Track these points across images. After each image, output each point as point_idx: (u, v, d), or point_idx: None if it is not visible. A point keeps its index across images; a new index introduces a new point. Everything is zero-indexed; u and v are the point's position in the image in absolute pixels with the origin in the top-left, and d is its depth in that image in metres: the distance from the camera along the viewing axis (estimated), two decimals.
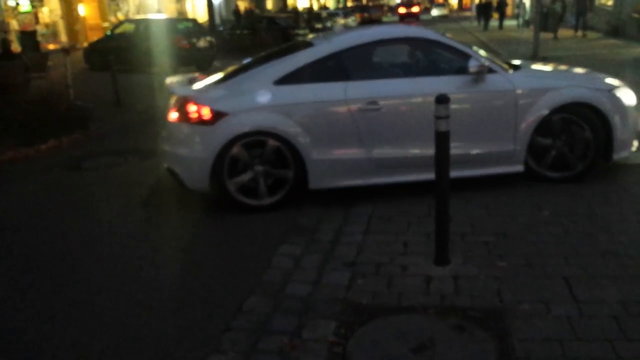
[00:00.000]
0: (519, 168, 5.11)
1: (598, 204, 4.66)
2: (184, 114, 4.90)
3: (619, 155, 5.22)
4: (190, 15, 33.22)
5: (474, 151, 5.00)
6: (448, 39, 5.29)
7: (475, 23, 35.56)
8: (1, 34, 17.52)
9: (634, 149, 5.37)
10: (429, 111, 4.65)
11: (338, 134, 4.88)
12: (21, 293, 3.81)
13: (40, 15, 24.01)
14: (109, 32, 19.48)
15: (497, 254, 3.87)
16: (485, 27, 31.47)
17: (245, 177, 4.89)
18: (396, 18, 53.26)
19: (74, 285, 3.88)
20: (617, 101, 5.13)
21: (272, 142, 4.83)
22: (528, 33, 22.62)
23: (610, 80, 5.38)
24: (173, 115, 5.00)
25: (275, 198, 4.96)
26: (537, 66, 5.83)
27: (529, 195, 4.94)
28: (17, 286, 3.92)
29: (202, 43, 17.76)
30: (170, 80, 5.54)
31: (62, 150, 7.69)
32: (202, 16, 29.37)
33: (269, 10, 40.31)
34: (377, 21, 49.32)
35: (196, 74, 5.72)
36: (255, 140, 4.83)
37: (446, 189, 3.67)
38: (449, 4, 68.21)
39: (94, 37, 22.39)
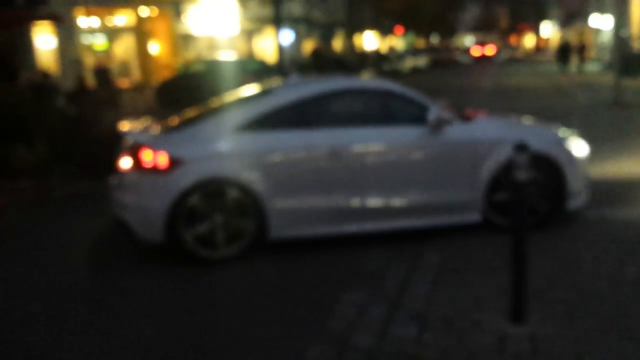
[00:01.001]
0: (477, 217, 5.12)
1: None
2: (137, 161, 4.71)
3: (573, 205, 5.30)
4: (259, 56, 34.12)
5: (432, 200, 5.04)
6: (408, 90, 5.37)
7: (551, 67, 34.58)
8: (77, 71, 18.46)
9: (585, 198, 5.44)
10: (389, 160, 4.97)
11: (300, 183, 4.84)
12: None
13: (114, 53, 25.28)
14: (180, 71, 20.21)
15: (578, 314, 3.61)
16: (564, 70, 30.51)
17: (203, 227, 4.66)
18: (467, 59, 53.30)
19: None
20: (569, 152, 5.25)
21: (231, 191, 4.68)
22: (608, 77, 21.95)
23: (562, 132, 5.58)
24: (125, 162, 4.82)
25: (234, 249, 4.76)
26: (491, 118, 5.93)
27: (612, 251, 4.64)
28: None
29: None
30: (126, 125, 5.29)
31: None
32: (271, 56, 30.08)
33: (336, 52, 40.87)
34: (446, 63, 49.13)
35: (151, 121, 5.61)
36: (214, 189, 4.67)
37: (523, 241, 3.45)
38: (522, 46, 67.39)
39: (165, 75, 23.25)
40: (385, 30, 54.68)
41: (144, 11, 25.47)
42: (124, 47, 25.73)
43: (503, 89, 22.88)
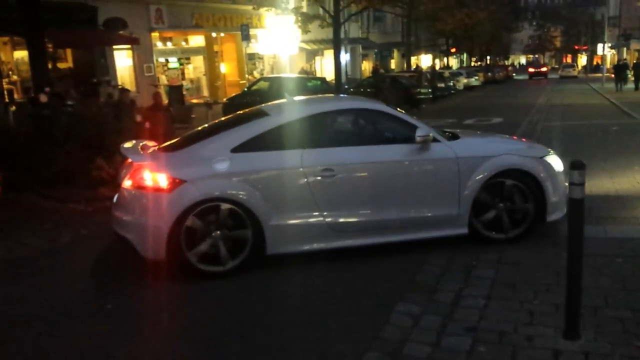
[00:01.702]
0: (464, 231, 5.34)
1: None
2: (139, 181, 4.87)
3: (552, 218, 5.50)
4: (319, 74, 34.72)
5: (421, 215, 5.26)
6: (397, 111, 5.63)
7: (607, 85, 33.97)
8: (152, 88, 19.41)
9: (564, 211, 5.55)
10: (380, 177, 5.20)
11: (295, 200, 4.99)
12: None
13: (186, 71, 26.38)
14: (245, 89, 20.92)
15: (634, 332, 3.61)
16: (620, 88, 30.08)
17: (205, 245, 4.80)
18: (525, 77, 59.08)
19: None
20: (549, 167, 5.52)
21: (230, 209, 4.80)
22: None
23: (542, 148, 5.96)
24: (127, 182, 4.98)
25: (234, 265, 4.88)
26: (476, 136, 6.16)
27: None
28: None
29: None
30: (125, 145, 5.42)
31: None
32: (329, 74, 30.61)
33: (392, 70, 41.11)
34: (501, 80, 49.45)
35: (146, 141, 5.72)
36: (213, 207, 4.78)
37: (579, 258, 3.50)
38: (577, 65, 66.45)
39: (232, 92, 24.09)
40: (440, 50, 54.66)
41: (214, 34, 26.55)
42: (195, 66, 26.82)
43: (556, 107, 22.40)
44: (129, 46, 21.42)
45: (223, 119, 6.58)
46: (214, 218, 4.80)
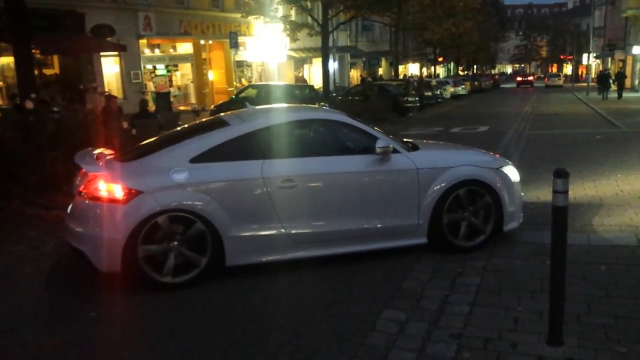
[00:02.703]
0: (423, 240, 5.40)
1: None
2: (94, 192, 4.73)
3: (508, 227, 5.63)
4: (307, 82, 34.86)
5: (382, 225, 5.28)
6: (357, 121, 5.63)
7: (591, 94, 34.76)
8: (139, 94, 19.36)
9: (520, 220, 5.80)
10: (341, 187, 5.18)
11: (255, 211, 4.94)
12: None
13: (173, 78, 26.35)
14: (233, 96, 20.91)
15: (616, 338, 3.65)
16: (605, 97, 30.95)
17: (162, 256, 4.71)
18: (511, 85, 62.78)
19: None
20: (505, 178, 5.61)
21: (189, 220, 4.73)
22: None
23: (500, 159, 6.04)
24: (81, 193, 4.83)
25: (188, 276, 4.80)
26: (435, 147, 6.35)
27: None
28: None
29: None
30: (79, 154, 5.23)
31: None
32: (318, 82, 30.74)
33: (383, 77, 41.40)
34: (487, 89, 50.54)
35: (102, 149, 5.58)
36: (171, 218, 4.70)
37: (563, 265, 3.54)
38: (562, 74, 68.11)
39: (220, 100, 24.08)
40: (427, 59, 55.26)
41: (202, 41, 26.59)
42: (183, 74, 26.81)
43: (541, 115, 22.70)
44: (116, 53, 21.36)
45: (182, 127, 6.53)
46: (172, 229, 4.73)
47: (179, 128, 6.40)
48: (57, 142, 8.62)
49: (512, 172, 5.79)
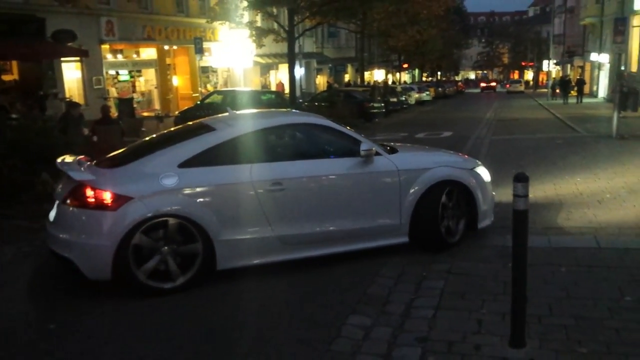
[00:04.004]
0: (405, 239, 5.55)
1: None
2: (80, 199, 4.67)
3: (482, 224, 5.91)
4: (273, 88, 34.83)
5: (366, 225, 5.41)
6: (340, 125, 5.84)
7: (551, 100, 35.88)
8: (102, 100, 19.01)
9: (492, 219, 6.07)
10: (327, 189, 5.34)
11: (245, 215, 4.98)
12: None
13: (137, 84, 25.97)
14: (198, 102, 20.72)
15: (577, 339, 3.72)
16: (565, 102, 32.08)
17: (154, 262, 4.69)
18: (476, 90, 67.51)
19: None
20: (478, 177, 5.89)
21: (179, 224, 4.73)
22: (605, 110, 22.21)
23: (472, 160, 6.32)
24: (68, 199, 4.75)
25: (183, 280, 4.81)
26: (411, 149, 6.60)
27: (611, 279, 4.74)
28: None
29: None
30: (63, 160, 5.20)
31: None
32: (285, 88, 30.74)
33: (350, 83, 41.65)
34: (451, 95, 51.64)
35: (82, 156, 5.50)
36: (161, 223, 4.69)
37: (524, 268, 3.60)
38: (523, 80, 70.08)
39: (185, 106, 23.81)
40: (392, 65, 55.94)
41: (166, 47, 26.32)
42: (147, 79, 26.45)
43: (503, 121, 23.21)
44: (78, 58, 20.94)
45: (163, 132, 6.47)
46: (163, 234, 4.71)
47: (162, 132, 6.33)
48: (15, 149, 8.39)
49: (484, 173, 6.07)
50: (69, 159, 5.32)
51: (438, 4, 43.33)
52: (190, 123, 6.26)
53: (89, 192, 4.65)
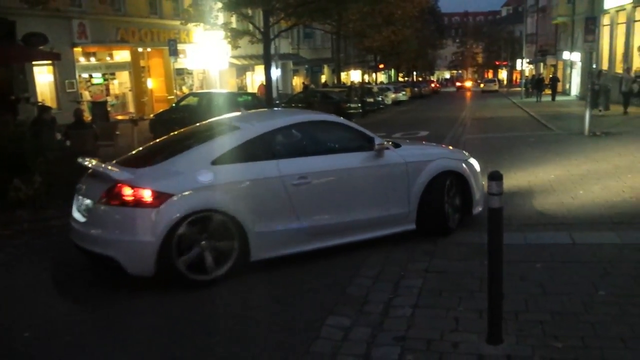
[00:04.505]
0: (412, 227, 5.96)
1: None
2: (120, 198, 4.80)
3: (476, 211, 6.37)
4: (250, 90, 34.70)
5: (381, 214, 5.79)
6: (353, 123, 6.35)
7: (525, 98, 36.50)
8: (74, 104, 18.72)
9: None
10: (347, 182, 5.66)
11: (275, 207, 5.26)
12: None
13: (111, 87, 25.65)
14: (174, 104, 20.52)
15: (553, 334, 3.77)
16: (538, 100, 32.70)
17: (194, 255, 4.87)
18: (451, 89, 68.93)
19: None
20: (472, 167, 6.44)
21: (217, 219, 4.93)
22: (577, 108, 22.63)
23: (464, 152, 6.89)
24: (104, 199, 4.86)
25: (221, 272, 4.99)
26: (412, 144, 7.01)
27: (585, 274, 4.81)
28: None
29: None
30: (89, 161, 5.38)
31: None
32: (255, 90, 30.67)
33: (328, 84, 41.69)
34: (427, 95, 52.19)
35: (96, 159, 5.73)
36: (201, 218, 4.89)
37: (500, 265, 3.64)
38: (497, 79, 70.91)
39: (160, 108, 23.60)
40: (368, 66, 56.24)
41: (140, 49, 26.05)
42: (121, 82, 26.15)
43: (478, 120, 23.54)
44: (49, 62, 20.61)
45: (176, 133, 6.55)
46: (202, 229, 4.89)
47: (174, 134, 6.49)
48: None
49: (475, 163, 6.66)
50: (96, 161, 5.49)
51: (412, 4, 43.75)
52: (205, 123, 6.56)
53: (130, 191, 4.80)
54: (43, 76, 21.28)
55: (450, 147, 7.32)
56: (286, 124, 5.84)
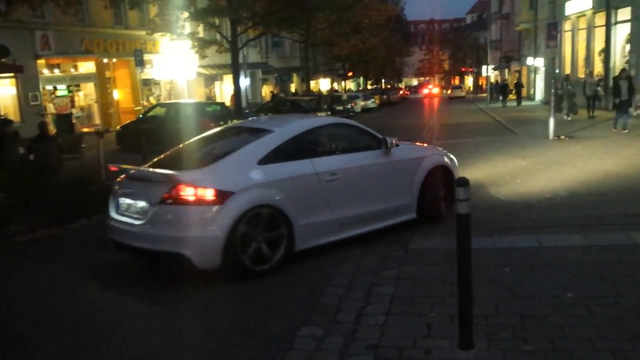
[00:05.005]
0: (414, 215, 6.74)
1: (625, 286, 4.58)
2: (185, 197, 5.14)
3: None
4: (218, 99, 34.51)
5: (393, 205, 6.54)
6: (364, 126, 6.98)
7: (491, 104, 37.24)
8: (38, 117, 18.34)
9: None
10: (367, 177, 6.35)
11: (314, 201, 5.80)
12: None
13: (76, 99, 25.21)
14: (141, 115, 20.25)
15: (523, 338, 3.81)
16: (504, 105, 33.41)
17: (253, 247, 5.29)
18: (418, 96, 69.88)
19: None
20: (453, 162, 7.44)
21: (270, 213, 5.43)
22: (542, 113, 23.13)
23: (444, 150, 7.76)
24: (168, 199, 5.16)
25: (274, 262, 5.44)
26: (406, 144, 7.55)
27: (552, 276, 4.89)
28: None
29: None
30: (128, 167, 5.81)
31: (92, 229, 7.86)
32: (229, 99, 30.55)
33: (297, 93, 41.72)
34: (395, 102, 52.73)
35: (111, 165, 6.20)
36: (257, 213, 5.34)
37: (468, 269, 3.67)
38: (464, 86, 71.98)
39: (127, 120, 23.24)
40: (337, 74, 56.58)
41: (105, 60, 25.70)
42: (86, 94, 25.73)
43: (446, 126, 23.88)
44: (12, 74, 20.16)
45: (200, 138, 6.92)
46: (258, 222, 5.33)
47: (194, 140, 6.88)
48: None
49: (454, 158, 7.55)
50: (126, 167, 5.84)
51: (379, 13, 44.13)
52: (226, 128, 7.39)
53: (193, 191, 5.15)
54: (5, 89, 20.83)
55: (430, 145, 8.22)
56: (314, 126, 6.48)
